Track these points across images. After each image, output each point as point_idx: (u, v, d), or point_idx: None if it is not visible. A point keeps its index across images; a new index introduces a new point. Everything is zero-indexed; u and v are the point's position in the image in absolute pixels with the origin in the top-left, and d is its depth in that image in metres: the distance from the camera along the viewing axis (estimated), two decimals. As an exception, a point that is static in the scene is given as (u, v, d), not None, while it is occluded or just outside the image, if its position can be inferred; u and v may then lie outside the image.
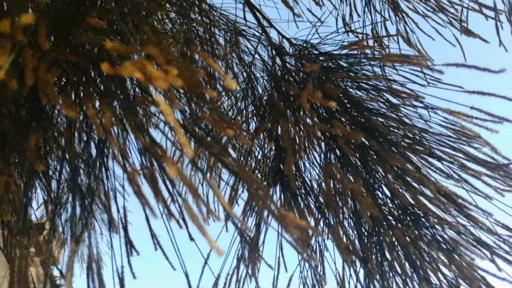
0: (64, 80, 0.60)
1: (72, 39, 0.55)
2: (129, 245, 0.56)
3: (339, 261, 0.94)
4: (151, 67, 0.38)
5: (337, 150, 0.86)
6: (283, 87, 0.85)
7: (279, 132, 0.87)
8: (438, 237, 0.80)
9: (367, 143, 0.86)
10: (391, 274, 0.81)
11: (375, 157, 0.81)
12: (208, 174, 1.06)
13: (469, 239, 0.76)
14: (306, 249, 0.88)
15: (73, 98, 0.56)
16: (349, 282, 0.89)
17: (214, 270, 0.92)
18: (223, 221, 0.85)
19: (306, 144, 0.86)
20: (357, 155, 0.85)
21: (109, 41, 0.45)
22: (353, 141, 0.81)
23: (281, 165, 0.89)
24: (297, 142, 0.75)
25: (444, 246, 0.77)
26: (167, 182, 0.55)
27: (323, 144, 0.87)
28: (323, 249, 0.94)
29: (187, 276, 0.70)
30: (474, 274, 0.75)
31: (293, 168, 0.79)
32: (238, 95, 1.25)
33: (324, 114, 0.90)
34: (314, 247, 0.92)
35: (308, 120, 0.87)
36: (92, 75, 0.54)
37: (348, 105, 0.89)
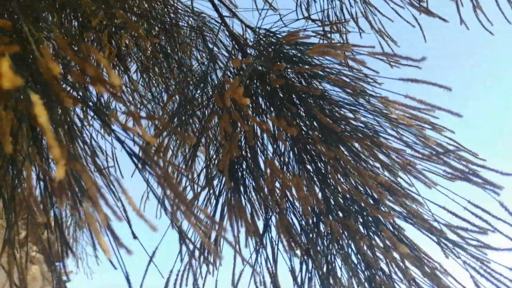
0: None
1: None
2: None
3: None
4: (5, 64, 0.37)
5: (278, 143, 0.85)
6: (224, 82, 0.84)
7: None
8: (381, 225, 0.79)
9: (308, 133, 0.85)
10: (337, 264, 0.82)
11: (314, 149, 0.80)
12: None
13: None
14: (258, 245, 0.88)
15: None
16: (302, 275, 0.89)
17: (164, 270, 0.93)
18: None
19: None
20: (300, 147, 0.84)
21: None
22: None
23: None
24: (233, 139, 0.74)
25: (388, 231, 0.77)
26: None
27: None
28: (277, 243, 0.94)
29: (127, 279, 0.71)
30: (416, 259, 0.75)
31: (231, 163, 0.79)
32: (193, 88, 1.23)
33: (269, 106, 0.89)
34: (266, 241, 0.92)
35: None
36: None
37: (293, 97, 0.87)
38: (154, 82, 1.35)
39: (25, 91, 0.35)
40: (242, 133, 0.82)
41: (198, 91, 1.16)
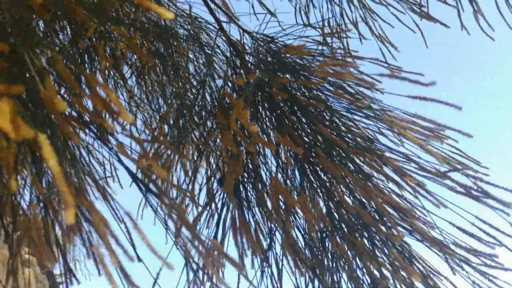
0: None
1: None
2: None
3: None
4: (7, 107, 0.35)
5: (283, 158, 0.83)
6: (225, 96, 0.82)
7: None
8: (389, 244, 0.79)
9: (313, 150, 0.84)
10: (343, 281, 0.81)
11: (320, 166, 0.78)
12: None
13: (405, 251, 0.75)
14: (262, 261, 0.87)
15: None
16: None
17: None
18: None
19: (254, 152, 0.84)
20: (305, 164, 0.83)
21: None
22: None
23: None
24: (238, 159, 0.73)
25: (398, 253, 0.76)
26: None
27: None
28: (282, 259, 0.93)
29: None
30: (425, 279, 0.74)
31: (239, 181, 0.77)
32: (191, 99, 1.21)
33: (273, 120, 0.87)
34: (271, 258, 0.91)
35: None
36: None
37: (296, 110, 0.86)
38: (150, 88, 1.32)
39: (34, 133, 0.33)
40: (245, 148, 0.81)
41: (197, 102, 1.14)
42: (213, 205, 0.94)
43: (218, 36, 1.38)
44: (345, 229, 0.81)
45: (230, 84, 1.08)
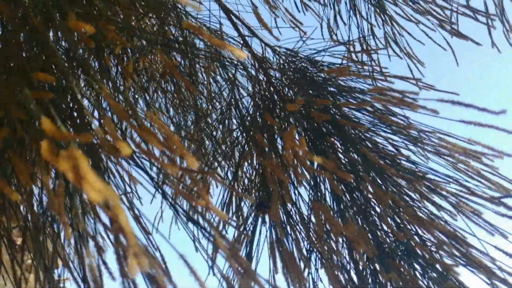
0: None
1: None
2: None
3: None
4: (85, 165, 0.31)
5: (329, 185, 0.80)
6: (264, 118, 0.79)
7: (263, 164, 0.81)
8: (439, 270, 0.75)
9: (359, 174, 0.81)
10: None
11: (367, 193, 0.75)
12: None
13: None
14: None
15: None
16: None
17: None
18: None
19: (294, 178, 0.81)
20: (350, 191, 0.80)
21: (47, 121, 0.38)
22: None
23: (266, 197, 0.83)
24: (283, 183, 0.70)
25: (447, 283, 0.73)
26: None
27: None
28: (316, 281, 0.89)
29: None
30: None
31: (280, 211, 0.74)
32: (219, 117, 1.18)
33: (311, 144, 0.84)
34: (308, 283, 0.87)
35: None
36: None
37: (336, 135, 0.83)
38: (171, 103, 1.30)
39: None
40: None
41: (223, 121, 1.11)
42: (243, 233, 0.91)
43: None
44: (393, 259, 0.78)
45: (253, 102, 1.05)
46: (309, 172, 0.66)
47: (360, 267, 0.78)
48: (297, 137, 0.78)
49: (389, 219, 0.75)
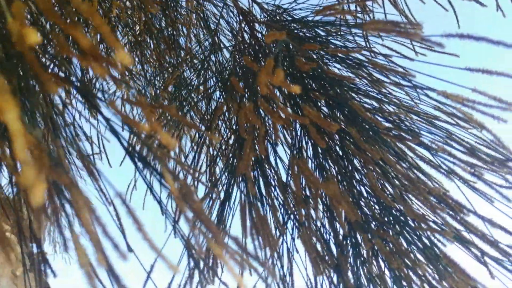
0: None
1: None
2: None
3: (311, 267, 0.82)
4: None
5: (309, 139, 0.71)
6: (243, 62, 0.68)
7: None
8: (427, 242, 0.67)
9: (345, 128, 0.72)
10: (370, 285, 0.70)
11: (353, 147, 0.66)
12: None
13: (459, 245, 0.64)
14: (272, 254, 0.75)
15: None
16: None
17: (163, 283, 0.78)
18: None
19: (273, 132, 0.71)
20: (333, 145, 0.70)
21: None
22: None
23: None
24: (257, 132, 0.60)
25: (433, 255, 0.65)
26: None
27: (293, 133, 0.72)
28: (292, 252, 0.81)
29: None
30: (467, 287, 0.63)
31: (252, 163, 0.64)
32: (198, 66, 1.07)
33: (295, 96, 0.74)
34: (282, 251, 0.79)
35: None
36: None
37: (324, 84, 0.73)
38: (147, 58, 1.18)
39: None
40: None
41: (201, 72, 1.00)
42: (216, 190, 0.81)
43: (227, 6, 1.24)
44: (375, 225, 0.69)
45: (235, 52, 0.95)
46: (287, 117, 0.57)
47: (340, 236, 0.69)
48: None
49: (376, 181, 0.66)
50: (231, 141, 0.85)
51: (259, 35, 1.00)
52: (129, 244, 0.63)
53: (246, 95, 0.70)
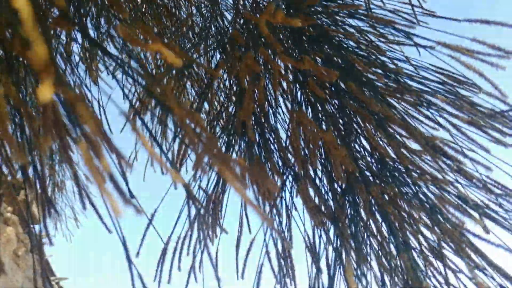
0: None
1: None
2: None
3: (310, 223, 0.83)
4: None
5: (309, 94, 0.71)
6: (244, 15, 0.69)
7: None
8: (421, 196, 0.69)
9: (343, 85, 0.72)
10: (365, 235, 0.71)
11: (352, 102, 0.67)
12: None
13: (456, 199, 0.65)
14: (272, 207, 0.76)
15: None
16: (319, 245, 0.78)
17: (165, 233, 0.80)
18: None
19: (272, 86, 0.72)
20: (332, 100, 0.71)
21: None
22: (327, 83, 0.67)
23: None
24: (259, 82, 0.61)
25: (428, 206, 0.66)
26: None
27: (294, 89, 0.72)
28: (290, 209, 0.82)
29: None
30: (459, 237, 0.65)
31: (253, 115, 0.65)
32: (201, 23, 1.07)
33: (294, 50, 0.75)
34: (281, 207, 0.80)
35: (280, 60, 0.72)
36: None
37: (322, 41, 0.73)
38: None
39: None
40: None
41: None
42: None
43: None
44: (371, 178, 0.71)
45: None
46: (287, 62, 0.57)
47: (338, 188, 0.70)
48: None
49: (374, 132, 0.67)
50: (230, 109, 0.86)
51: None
52: (131, 190, 0.64)
53: (246, 49, 0.70)
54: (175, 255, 0.76)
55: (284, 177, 0.71)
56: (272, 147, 0.70)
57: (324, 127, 0.71)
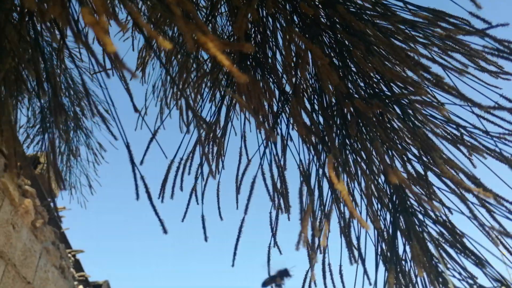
0: None
1: None
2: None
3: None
4: None
5: (301, 15, 0.76)
6: None
7: None
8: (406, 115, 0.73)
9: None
10: (353, 155, 0.76)
11: (339, 21, 0.71)
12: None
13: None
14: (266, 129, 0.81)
15: None
16: (310, 167, 0.83)
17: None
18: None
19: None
20: (321, 20, 0.76)
21: None
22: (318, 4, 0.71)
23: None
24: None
25: (410, 124, 0.71)
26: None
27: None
28: (286, 137, 0.87)
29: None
30: (438, 149, 0.69)
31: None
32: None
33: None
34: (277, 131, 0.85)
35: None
36: None
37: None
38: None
39: None
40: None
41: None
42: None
43: None
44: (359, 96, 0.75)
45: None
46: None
47: (325, 103, 0.75)
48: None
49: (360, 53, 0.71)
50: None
51: None
52: (135, 104, 0.70)
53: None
54: (178, 175, 0.82)
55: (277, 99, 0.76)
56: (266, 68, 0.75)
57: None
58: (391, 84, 0.75)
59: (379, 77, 0.73)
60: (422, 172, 0.75)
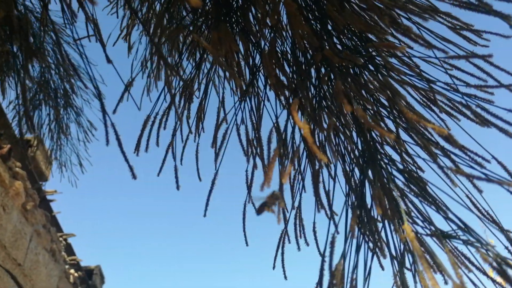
0: None
1: None
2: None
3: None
4: None
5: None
6: None
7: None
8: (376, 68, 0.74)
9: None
10: (325, 107, 0.77)
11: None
12: None
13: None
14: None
15: None
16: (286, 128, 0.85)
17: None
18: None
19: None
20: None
21: None
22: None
23: None
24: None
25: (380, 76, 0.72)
26: None
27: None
28: (263, 97, 0.89)
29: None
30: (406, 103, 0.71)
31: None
32: None
33: None
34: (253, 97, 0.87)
35: None
36: None
37: None
38: None
39: None
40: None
41: None
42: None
43: None
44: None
45: None
46: None
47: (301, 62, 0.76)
48: None
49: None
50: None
51: None
52: (108, 56, 0.71)
53: None
54: (152, 130, 0.83)
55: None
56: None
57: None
58: (365, 42, 0.76)
59: (351, 35, 0.74)
60: (393, 128, 0.76)
